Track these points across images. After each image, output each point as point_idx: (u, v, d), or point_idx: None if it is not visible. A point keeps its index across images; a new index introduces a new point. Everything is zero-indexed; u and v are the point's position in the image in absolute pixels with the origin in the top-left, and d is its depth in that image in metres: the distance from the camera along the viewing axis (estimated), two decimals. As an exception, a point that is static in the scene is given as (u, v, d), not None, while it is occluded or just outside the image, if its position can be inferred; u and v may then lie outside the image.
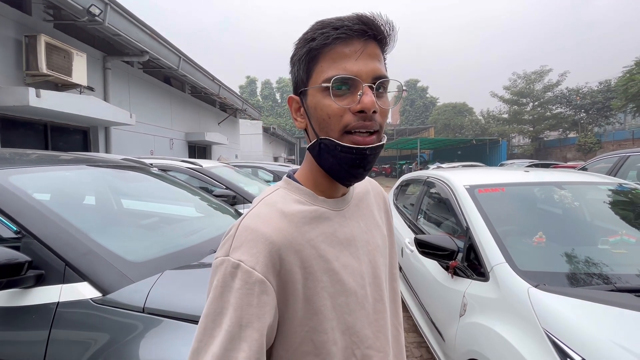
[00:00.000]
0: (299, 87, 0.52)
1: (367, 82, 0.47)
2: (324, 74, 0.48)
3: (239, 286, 0.43)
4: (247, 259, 0.44)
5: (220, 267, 0.45)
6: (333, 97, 0.47)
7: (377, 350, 0.55)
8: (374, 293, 0.57)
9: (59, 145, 6.04)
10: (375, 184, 0.71)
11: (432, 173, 2.73)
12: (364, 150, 0.48)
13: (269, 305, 0.44)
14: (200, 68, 9.19)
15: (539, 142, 28.49)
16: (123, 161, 2.35)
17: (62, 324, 0.99)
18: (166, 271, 1.18)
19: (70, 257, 1.07)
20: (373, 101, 0.47)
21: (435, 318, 1.88)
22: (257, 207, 0.51)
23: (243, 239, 0.45)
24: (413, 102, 47.12)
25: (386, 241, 0.65)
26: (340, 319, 0.50)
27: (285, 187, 0.55)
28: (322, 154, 0.51)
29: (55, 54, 5.02)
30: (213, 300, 0.44)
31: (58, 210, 1.24)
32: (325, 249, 0.51)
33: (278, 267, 0.46)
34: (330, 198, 0.55)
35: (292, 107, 0.55)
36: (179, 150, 9.97)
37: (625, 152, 4.24)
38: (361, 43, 0.47)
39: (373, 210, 0.64)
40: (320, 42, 0.47)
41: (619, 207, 1.97)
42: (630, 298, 1.16)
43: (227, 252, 0.45)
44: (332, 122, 0.48)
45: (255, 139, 21.39)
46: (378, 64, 0.49)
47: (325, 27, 0.47)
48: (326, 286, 0.49)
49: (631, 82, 16.05)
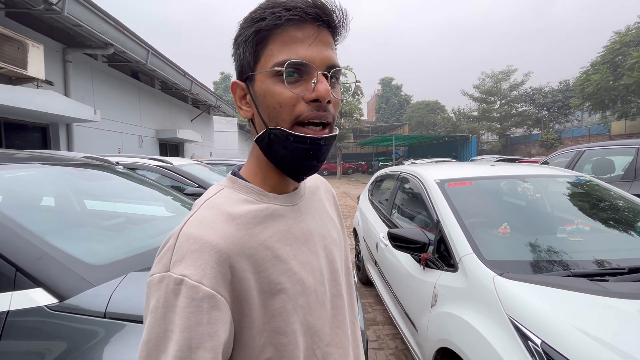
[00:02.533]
0: (245, 72, 0.48)
1: (321, 70, 0.44)
2: (275, 58, 0.44)
3: (184, 304, 0.37)
4: (192, 272, 0.38)
5: (159, 285, 0.39)
6: (286, 84, 0.44)
7: (337, 346, 0.53)
8: (332, 288, 0.55)
9: (14, 143, 5.61)
10: (324, 180, 0.69)
11: (406, 169, 2.80)
12: (318, 140, 0.45)
13: (222, 321, 0.39)
14: (170, 63, 8.83)
15: (506, 139, 29.92)
16: (85, 159, 2.21)
17: (12, 334, 0.92)
18: (130, 273, 1.12)
19: (22, 261, 0.99)
20: (328, 89, 0.44)
21: (409, 309, 1.93)
22: (198, 211, 0.45)
23: (185, 249, 0.40)
24: (388, 100, 47.93)
25: (341, 235, 0.64)
26: (302, 320, 0.48)
27: (231, 187, 0.50)
28: (272, 146, 0.47)
29: (8, 44, 4.63)
30: (154, 323, 0.38)
31: (9, 213, 1.15)
32: (280, 248, 0.47)
33: (229, 277, 0.41)
34: (281, 194, 0.52)
35: (237, 95, 0.50)
36: (149, 149, 9.56)
37: (581, 147, 4.55)
38: (315, 28, 0.44)
39: (325, 204, 0.63)
40: (271, 23, 0.43)
41: (576, 198, 2.10)
42: (585, 282, 1.24)
43: (166, 267, 0.39)
44: (283, 112, 0.45)
45: (230, 136, 20.94)
46: (331, 52, 0.46)
47: (276, 7, 0.43)
48: (285, 288, 0.46)
49: (587, 83, 17.18)
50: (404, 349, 2.38)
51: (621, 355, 0.93)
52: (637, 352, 0.93)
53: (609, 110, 18.23)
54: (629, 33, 16.38)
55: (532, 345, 1.04)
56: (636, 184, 3.44)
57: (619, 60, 16.61)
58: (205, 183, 3.66)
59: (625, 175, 3.68)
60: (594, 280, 1.26)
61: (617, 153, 4.11)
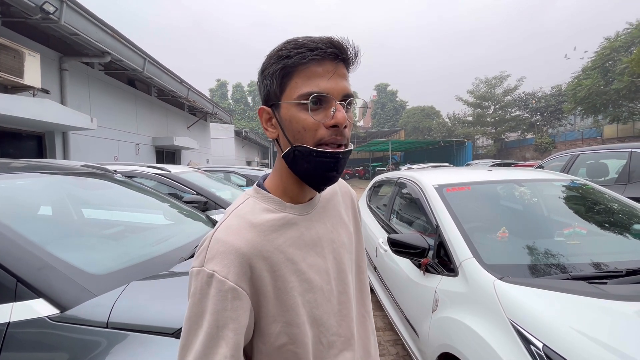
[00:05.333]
0: (271, 100, 0.56)
1: (339, 100, 0.53)
2: (299, 90, 0.52)
3: (214, 293, 0.48)
4: (220, 269, 0.49)
5: (197, 276, 0.50)
6: (310, 112, 0.52)
7: (340, 335, 0.62)
8: (338, 286, 0.63)
9: (9, 152, 5.56)
10: (344, 183, 0.76)
11: (403, 174, 2.81)
12: (337, 154, 0.53)
13: (242, 309, 0.50)
14: (167, 70, 8.86)
15: (501, 143, 30.22)
16: (83, 168, 2.20)
17: (13, 345, 0.91)
18: (132, 282, 1.12)
19: (23, 272, 0.98)
20: (345, 116, 0.52)
21: (409, 315, 1.93)
22: (228, 219, 0.56)
23: (215, 251, 0.50)
24: (384, 106, 48.32)
25: (352, 238, 0.71)
26: (310, 313, 0.57)
27: (255, 196, 0.60)
28: (296, 161, 0.55)
29: (4, 53, 4.63)
30: (193, 305, 0.50)
31: (8, 222, 1.14)
32: (292, 252, 0.56)
33: (249, 275, 0.51)
34: (297, 204, 0.60)
35: (263, 118, 0.59)
36: (146, 156, 9.52)
37: (575, 151, 4.61)
38: (333, 64, 0.53)
39: (340, 209, 0.69)
40: (297, 61, 0.51)
41: (572, 202, 2.13)
42: (584, 285, 1.26)
43: (202, 263, 0.50)
44: (307, 135, 0.53)
45: (227, 143, 20.91)
46: (346, 84, 0.55)
47: (300, 47, 0.51)
48: (295, 286, 0.55)
49: (579, 87, 17.46)
50: (405, 355, 2.37)
51: (622, 357, 0.94)
52: (637, 354, 0.94)
53: (601, 114, 18.51)
54: (618, 39, 16.73)
55: (534, 349, 1.05)
56: (630, 187, 3.49)
57: (610, 65, 16.92)
58: (203, 190, 3.65)
59: (619, 178, 3.72)
60: (592, 283, 1.28)
61: (610, 156, 4.16)
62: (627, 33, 16.40)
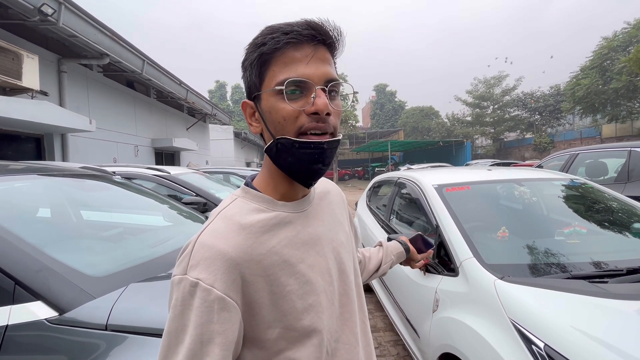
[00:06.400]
0: (252, 92, 0.53)
1: (320, 85, 0.48)
2: (277, 78, 0.48)
3: (198, 304, 0.43)
4: (205, 277, 0.44)
5: (178, 285, 0.45)
6: (287, 100, 0.48)
7: (344, 342, 0.57)
8: (340, 288, 0.59)
9: (7, 154, 5.55)
10: (334, 184, 0.73)
11: (403, 174, 2.81)
12: (321, 144, 0.49)
13: (231, 322, 0.45)
14: (166, 72, 8.85)
15: (500, 143, 30.27)
16: (82, 170, 2.20)
17: (12, 348, 0.90)
18: (131, 284, 1.11)
19: (21, 274, 0.98)
20: (326, 103, 0.48)
21: (410, 315, 1.92)
22: (213, 222, 0.50)
23: (200, 256, 0.45)
24: (383, 106, 48.38)
25: (349, 238, 0.67)
26: (313, 317, 0.51)
27: (243, 196, 0.55)
28: (280, 154, 0.51)
29: (2, 55, 4.62)
30: (174, 318, 0.45)
31: (5, 224, 1.13)
32: (289, 253, 0.51)
33: (239, 283, 0.46)
34: (290, 201, 0.55)
35: (247, 112, 0.55)
36: (145, 158, 9.51)
37: (574, 151, 4.62)
38: (311, 47, 0.49)
39: (334, 208, 0.66)
40: (272, 47, 0.48)
41: (571, 201, 2.13)
42: (585, 284, 1.25)
43: (184, 271, 0.45)
44: (287, 125, 0.49)
45: (226, 144, 20.90)
46: (329, 68, 0.50)
47: (275, 32, 0.48)
48: (293, 289, 0.50)
49: (577, 87, 17.53)
50: (405, 355, 2.36)
51: (623, 356, 0.93)
52: (638, 353, 0.94)
53: (600, 114, 18.56)
54: (616, 38, 16.78)
55: (535, 349, 1.05)
56: (629, 186, 3.49)
57: (608, 65, 16.97)
58: (202, 192, 3.64)
59: (618, 177, 3.73)
60: (593, 282, 1.27)
61: (609, 155, 4.16)
62: (625, 32, 16.46)
